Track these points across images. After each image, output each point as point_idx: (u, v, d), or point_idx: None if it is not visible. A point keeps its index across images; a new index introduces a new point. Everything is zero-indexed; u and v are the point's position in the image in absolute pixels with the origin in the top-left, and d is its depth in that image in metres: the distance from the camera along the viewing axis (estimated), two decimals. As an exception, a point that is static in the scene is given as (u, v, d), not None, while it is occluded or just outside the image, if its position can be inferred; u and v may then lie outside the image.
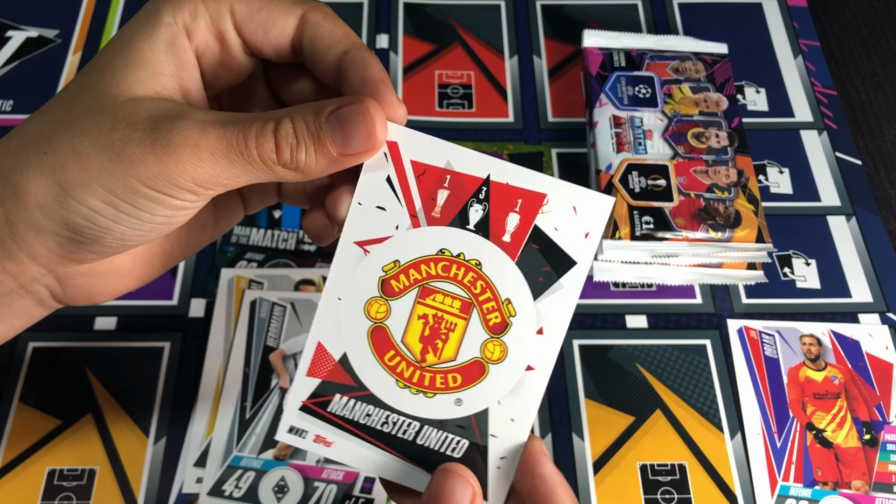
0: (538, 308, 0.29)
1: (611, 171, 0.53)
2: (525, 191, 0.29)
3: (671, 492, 0.45)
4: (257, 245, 0.53)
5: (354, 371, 0.30)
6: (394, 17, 0.64)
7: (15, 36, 0.62)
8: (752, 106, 0.61)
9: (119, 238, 0.27)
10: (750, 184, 0.52)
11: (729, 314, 0.52)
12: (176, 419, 0.46)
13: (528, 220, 0.29)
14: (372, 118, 0.27)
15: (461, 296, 0.29)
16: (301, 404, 0.30)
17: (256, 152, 0.26)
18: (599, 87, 0.57)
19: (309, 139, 0.26)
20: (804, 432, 0.47)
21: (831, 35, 0.66)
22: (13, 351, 0.48)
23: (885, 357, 0.50)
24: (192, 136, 0.25)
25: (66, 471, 0.44)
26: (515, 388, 0.29)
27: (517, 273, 0.29)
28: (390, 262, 0.29)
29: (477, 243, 0.29)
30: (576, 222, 0.29)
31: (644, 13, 0.66)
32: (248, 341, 0.49)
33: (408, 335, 0.30)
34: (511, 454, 0.29)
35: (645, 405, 0.48)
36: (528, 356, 0.29)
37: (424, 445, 0.30)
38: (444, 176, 0.29)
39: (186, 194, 0.26)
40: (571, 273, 0.29)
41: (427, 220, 0.29)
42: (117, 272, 0.31)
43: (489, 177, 0.29)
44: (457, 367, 0.30)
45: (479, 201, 0.29)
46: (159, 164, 0.25)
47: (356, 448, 0.30)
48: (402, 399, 0.30)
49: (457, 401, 0.29)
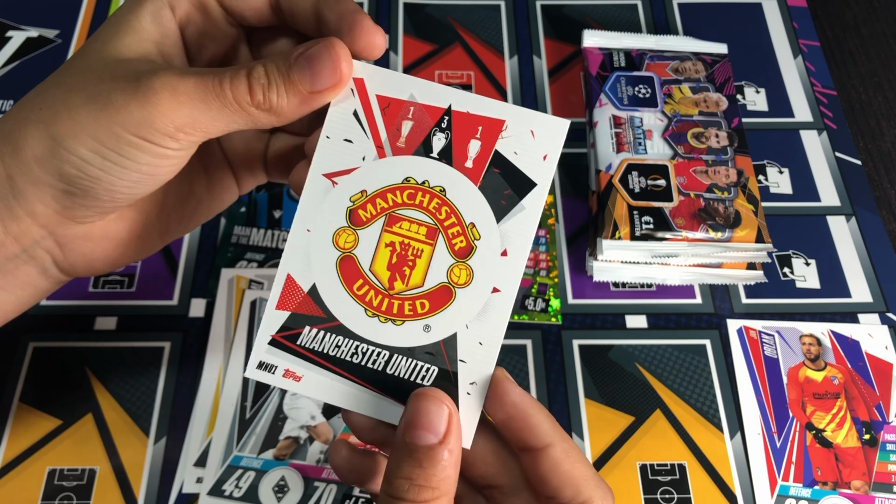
0: (501, 230, 0.30)
1: (611, 171, 0.53)
2: (485, 118, 0.30)
3: (671, 492, 0.45)
4: (257, 245, 0.53)
5: (324, 302, 0.30)
6: (394, 17, 0.64)
7: (15, 36, 0.62)
8: (751, 106, 0.61)
9: (108, 189, 0.29)
10: (750, 184, 0.52)
11: (729, 314, 0.52)
12: (176, 419, 0.46)
13: (488, 145, 0.30)
14: (336, 53, 0.28)
15: (427, 222, 0.30)
16: (270, 338, 0.30)
17: (231, 94, 0.28)
18: (599, 88, 0.57)
19: (279, 79, 0.28)
20: (804, 432, 0.47)
21: (831, 35, 0.66)
22: (13, 351, 0.48)
23: (884, 357, 0.50)
24: (171, 80, 0.27)
25: (67, 471, 0.44)
26: (482, 311, 0.30)
27: (480, 197, 0.30)
28: (357, 192, 0.30)
29: (441, 170, 0.30)
30: (534, 145, 0.30)
31: (644, 13, 0.66)
32: (248, 341, 0.49)
33: (375, 263, 0.30)
34: (481, 378, 0.30)
35: (645, 405, 0.48)
36: (494, 278, 0.30)
37: (394, 374, 0.30)
38: (408, 108, 0.30)
39: (167, 140, 0.28)
40: (532, 194, 0.30)
41: (392, 151, 0.30)
42: (115, 238, 0.32)
43: (451, 106, 0.30)
44: (424, 293, 0.30)
45: (441, 130, 0.30)
46: (140, 110, 0.27)
47: (325, 381, 0.30)
48: (371, 328, 0.30)
49: (425, 327, 0.30)
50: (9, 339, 0.48)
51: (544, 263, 0.52)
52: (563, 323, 0.51)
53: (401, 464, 0.28)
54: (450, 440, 0.28)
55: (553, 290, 0.52)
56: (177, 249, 0.52)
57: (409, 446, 0.28)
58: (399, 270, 0.30)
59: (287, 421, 0.46)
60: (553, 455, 0.29)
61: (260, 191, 0.55)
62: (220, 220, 0.54)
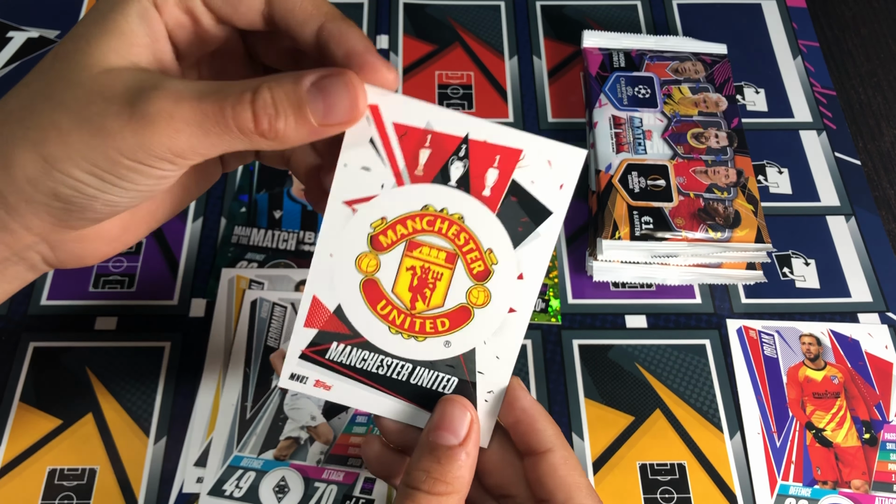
0: (518, 255, 0.31)
1: (610, 171, 0.53)
2: (502, 147, 0.30)
3: (671, 491, 0.45)
4: (258, 245, 0.53)
5: (349, 320, 0.32)
6: (394, 17, 0.64)
7: (16, 37, 0.62)
8: (751, 106, 0.61)
9: (107, 204, 0.28)
10: (749, 184, 0.53)
11: (728, 314, 0.52)
12: (176, 419, 0.46)
13: (506, 174, 0.30)
14: (355, 90, 0.27)
15: (446, 247, 0.31)
16: (301, 352, 0.32)
17: (233, 122, 0.26)
18: (599, 88, 0.57)
19: (289, 109, 0.26)
20: (804, 432, 0.47)
21: (830, 36, 0.66)
22: (13, 351, 0.48)
23: (884, 356, 0.50)
24: (167, 107, 0.25)
25: (67, 470, 0.44)
26: (499, 329, 0.32)
27: (498, 224, 0.31)
28: (378, 219, 0.31)
29: (459, 198, 0.31)
30: (551, 175, 0.31)
31: (643, 14, 0.66)
32: (248, 341, 0.49)
33: (397, 286, 0.32)
34: (497, 388, 0.32)
35: (644, 405, 0.48)
36: (510, 300, 0.32)
37: (418, 384, 0.32)
38: (425, 136, 0.30)
39: (166, 164, 0.27)
40: (548, 222, 0.31)
41: (411, 179, 0.31)
42: (107, 237, 0.32)
43: (468, 135, 0.30)
44: (445, 312, 0.32)
45: (459, 159, 0.30)
46: (136, 137, 0.25)
47: (354, 390, 0.32)
48: (394, 344, 0.32)
49: (446, 343, 0.32)
50: (9, 338, 0.48)
51: (544, 263, 0.52)
52: (562, 323, 0.51)
53: (421, 458, 0.30)
54: (468, 444, 0.30)
55: (553, 290, 0.52)
56: (177, 249, 0.52)
57: (432, 444, 0.30)
58: (420, 292, 0.32)
59: (287, 421, 0.46)
60: (552, 460, 0.31)
61: (260, 191, 0.55)
62: (221, 220, 0.54)
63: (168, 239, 0.53)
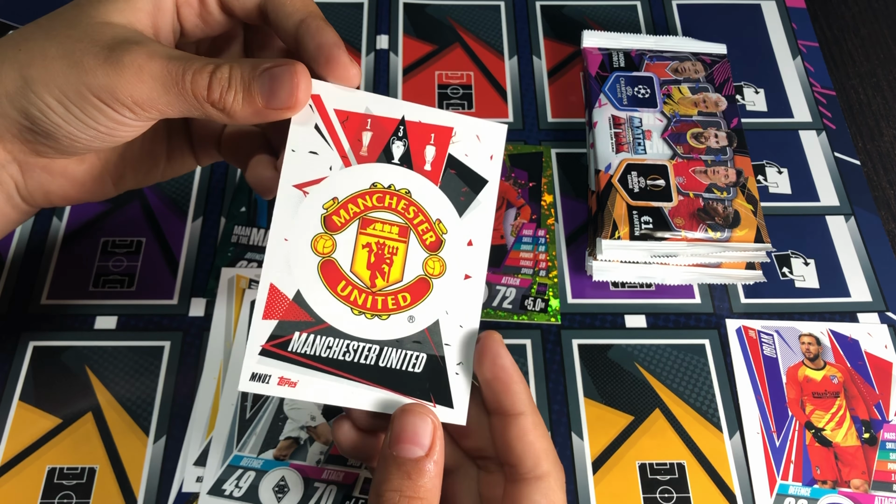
0: (464, 223, 0.33)
1: (610, 171, 0.53)
2: (436, 126, 0.33)
3: (670, 491, 0.45)
4: (257, 245, 0.53)
5: (310, 306, 0.32)
6: (394, 17, 0.64)
7: (16, 36, 0.62)
8: (750, 106, 0.61)
9: (68, 137, 0.31)
10: (749, 184, 0.53)
11: (728, 314, 0.52)
12: (176, 419, 0.46)
13: (442, 150, 0.33)
14: (297, 79, 0.30)
15: (398, 222, 0.33)
16: (260, 349, 0.31)
17: (190, 86, 0.29)
18: (599, 88, 0.57)
19: (240, 86, 0.30)
20: (803, 431, 0.47)
21: (830, 36, 0.66)
22: (13, 350, 0.48)
23: (884, 356, 0.50)
24: (139, 59, 0.29)
25: (66, 469, 0.44)
26: (458, 296, 0.33)
27: (442, 196, 0.33)
28: (329, 200, 0.32)
29: (403, 174, 0.33)
30: (481, 148, 0.34)
31: (643, 14, 0.66)
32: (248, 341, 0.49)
33: (355, 264, 0.32)
34: (465, 358, 0.32)
35: (644, 405, 0.48)
36: (465, 266, 0.33)
37: (387, 367, 0.32)
38: (365, 120, 0.33)
39: (125, 110, 0.30)
40: (485, 190, 0.34)
41: (357, 159, 0.33)
42: (72, 176, 0.35)
43: (404, 117, 0.33)
44: (405, 286, 0.32)
45: (399, 139, 0.33)
46: (105, 77, 0.29)
47: (321, 382, 0.31)
48: (359, 326, 0.32)
49: (409, 318, 0.32)
50: (9, 338, 0.48)
51: (544, 263, 0.52)
52: (562, 323, 0.51)
53: (389, 476, 0.29)
54: (434, 452, 0.30)
55: (552, 289, 0.52)
56: (177, 249, 0.52)
57: (398, 459, 0.30)
58: (378, 268, 0.32)
59: (287, 421, 0.46)
60: (523, 423, 0.31)
61: (260, 191, 0.55)
62: (221, 220, 0.54)
63: (168, 238, 0.53)
